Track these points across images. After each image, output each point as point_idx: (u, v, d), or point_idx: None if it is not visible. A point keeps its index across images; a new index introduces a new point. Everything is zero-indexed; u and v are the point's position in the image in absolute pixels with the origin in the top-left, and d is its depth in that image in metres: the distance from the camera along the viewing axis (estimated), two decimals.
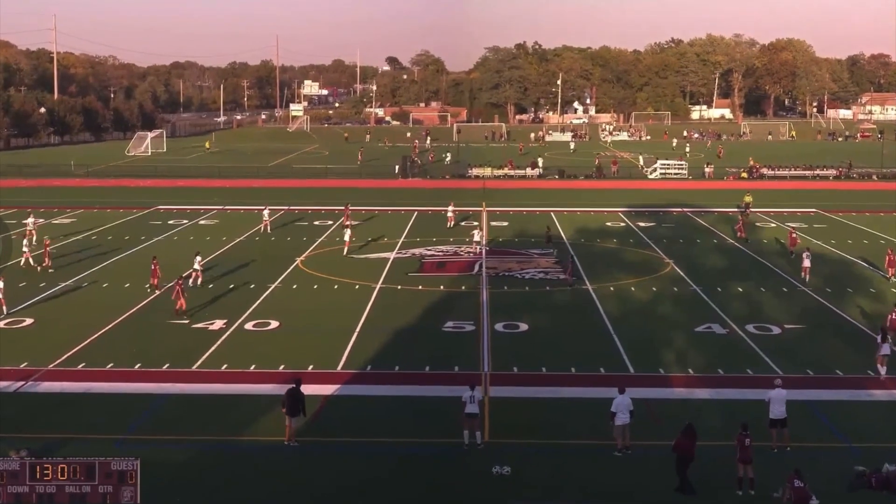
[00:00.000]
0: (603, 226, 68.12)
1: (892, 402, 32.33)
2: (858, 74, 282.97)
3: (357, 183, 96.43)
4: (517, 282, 49.70)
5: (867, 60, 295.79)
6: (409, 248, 58.63)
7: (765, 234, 65.12)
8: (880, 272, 51.69)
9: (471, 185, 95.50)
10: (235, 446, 27.45)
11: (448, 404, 29.62)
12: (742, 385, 33.44)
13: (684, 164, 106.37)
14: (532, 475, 25.50)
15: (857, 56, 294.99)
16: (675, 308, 44.60)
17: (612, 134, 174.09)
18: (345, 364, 35.28)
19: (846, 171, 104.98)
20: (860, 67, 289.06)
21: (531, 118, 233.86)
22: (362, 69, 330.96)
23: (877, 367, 34.43)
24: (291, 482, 24.94)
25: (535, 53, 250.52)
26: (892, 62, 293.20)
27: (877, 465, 25.11)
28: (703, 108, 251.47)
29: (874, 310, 44.01)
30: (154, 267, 47.25)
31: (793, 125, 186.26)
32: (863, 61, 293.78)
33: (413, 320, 41.74)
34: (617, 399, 27.26)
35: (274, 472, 25.52)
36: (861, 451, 27.10)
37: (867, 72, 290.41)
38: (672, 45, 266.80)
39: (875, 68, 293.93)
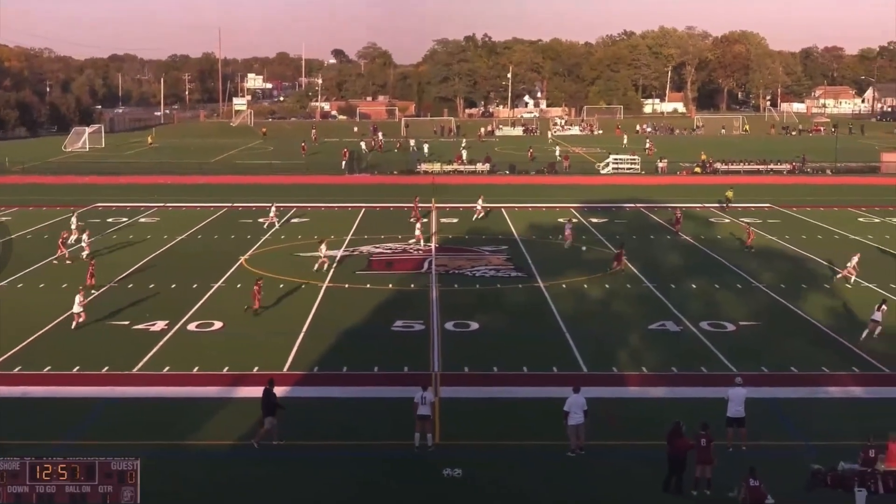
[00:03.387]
0: (555, 222, 67.61)
1: (847, 399, 32.24)
2: (812, 68, 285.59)
3: (302, 179, 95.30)
4: (468, 280, 49.10)
5: (820, 53, 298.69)
6: (357, 246, 57.83)
7: (718, 231, 64.88)
8: (837, 268, 51.64)
9: (420, 180, 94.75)
10: (180, 452, 26.69)
11: (398, 406, 29.11)
12: (696, 383, 33.27)
13: (637, 158, 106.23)
14: (484, 477, 25.08)
15: (811, 49, 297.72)
16: (629, 305, 44.26)
17: (564, 128, 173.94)
18: (291, 365, 34.65)
19: (800, 166, 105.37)
20: (813, 60, 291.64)
21: (481, 112, 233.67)
22: (307, 62, 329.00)
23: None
24: (236, 488, 24.35)
25: (485, 46, 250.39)
26: (845, 55, 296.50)
27: (832, 463, 24.76)
28: (656, 101, 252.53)
29: (829, 306, 43.99)
30: (91, 267, 46.22)
31: (746, 119, 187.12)
32: (816, 54, 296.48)
33: (361, 320, 41.08)
34: (570, 398, 26.90)
35: (219, 477, 24.94)
36: (817, 449, 26.85)
37: (820, 65, 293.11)
38: (624, 37, 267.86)
39: (828, 61, 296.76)
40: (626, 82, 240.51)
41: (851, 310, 43.18)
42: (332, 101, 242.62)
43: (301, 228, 63.76)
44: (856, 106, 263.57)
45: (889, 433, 25.07)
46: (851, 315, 42.29)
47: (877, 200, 79.09)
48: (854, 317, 41.88)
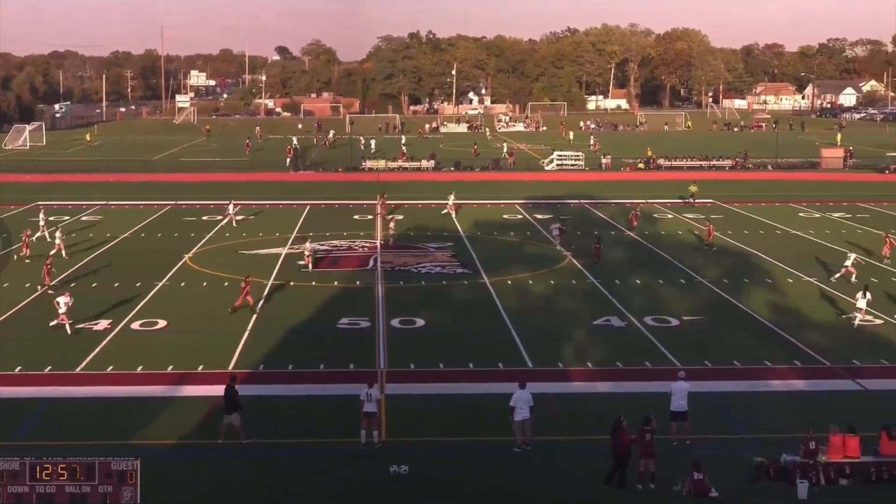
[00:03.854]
0: (500, 218, 67.81)
1: (789, 392, 32.63)
2: (753, 64, 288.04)
3: (246, 177, 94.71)
4: (413, 276, 49.10)
5: (761, 50, 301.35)
6: (302, 244, 57.49)
7: (662, 226, 65.34)
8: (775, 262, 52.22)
9: (364, 177, 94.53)
10: (125, 451, 26.32)
11: (344, 403, 29.09)
12: (641, 378, 33.51)
13: (581, 155, 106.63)
14: (431, 473, 24.97)
15: (752, 46, 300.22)
16: (574, 301, 44.46)
17: (508, 125, 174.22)
18: (236, 364, 34.42)
19: (742, 162, 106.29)
20: (754, 57, 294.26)
21: (426, 109, 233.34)
22: (251, 59, 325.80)
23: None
24: (180, 487, 23.96)
25: (429, 43, 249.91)
26: (785, 52, 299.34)
27: (775, 455, 25.14)
28: (600, 98, 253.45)
29: (771, 300, 44.42)
30: (47, 265, 45.72)
31: (689, 115, 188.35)
32: (757, 51, 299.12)
33: (306, 317, 40.99)
34: (516, 394, 26.97)
35: (163, 477, 24.47)
36: (759, 442, 27.15)
37: (761, 62, 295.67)
38: (568, 34, 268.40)
39: (769, 58, 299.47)
40: (569, 79, 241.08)
41: (793, 304, 43.68)
42: (276, 98, 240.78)
43: (245, 226, 63.38)
44: (796, 102, 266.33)
45: (830, 425, 25.43)
46: (793, 309, 42.79)
47: (817, 196, 79.89)
48: (795, 311, 42.42)
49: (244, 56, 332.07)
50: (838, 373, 34.05)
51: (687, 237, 60.95)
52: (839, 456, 24.95)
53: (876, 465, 24.94)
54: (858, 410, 29.57)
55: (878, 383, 33.06)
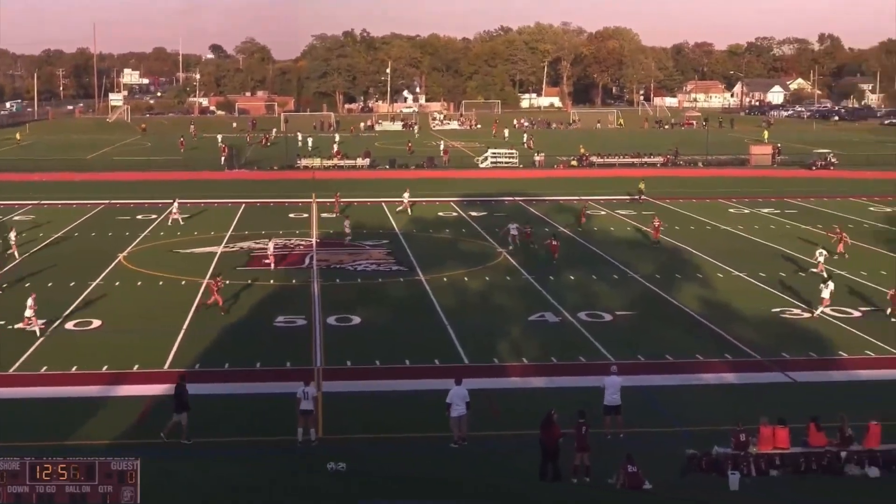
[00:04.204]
0: (435, 216, 68.01)
1: (720, 385, 33.10)
2: (683, 63, 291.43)
3: (181, 175, 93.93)
4: (349, 274, 49.14)
5: (691, 49, 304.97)
6: (237, 242, 57.44)
7: (595, 223, 65.88)
8: (706, 257, 52.89)
9: (300, 175, 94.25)
10: (60, 452, 26.15)
11: (281, 401, 29.12)
12: (575, 373, 33.79)
13: (515, 152, 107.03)
14: (368, 470, 25.04)
15: (682, 45, 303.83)
16: (509, 297, 44.72)
17: (443, 123, 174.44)
18: (172, 363, 34.27)
19: (673, 159, 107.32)
20: (684, 56, 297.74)
21: (360, 107, 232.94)
22: (185, 57, 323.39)
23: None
24: None
25: (364, 41, 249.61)
26: (715, 51, 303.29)
27: (707, 447, 25.51)
28: (533, 96, 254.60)
29: (702, 295, 45.01)
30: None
31: (620, 113, 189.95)
32: (687, 50, 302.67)
33: (243, 316, 40.88)
34: (452, 390, 27.14)
35: None
36: (692, 434, 27.52)
37: (691, 60, 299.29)
38: (501, 33, 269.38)
39: (699, 57, 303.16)
40: (503, 77, 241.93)
41: (723, 299, 44.29)
42: (210, 96, 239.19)
43: (180, 225, 62.94)
44: (725, 100, 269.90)
45: (760, 417, 25.92)
46: (723, 304, 43.38)
47: (746, 192, 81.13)
48: (726, 305, 43.04)
49: (178, 54, 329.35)
50: (768, 366, 34.61)
51: (619, 233, 61.56)
52: (769, 447, 25.41)
53: (805, 456, 25.42)
54: (788, 402, 30.16)
55: (807, 375, 33.65)
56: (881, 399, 30.19)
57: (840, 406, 27.71)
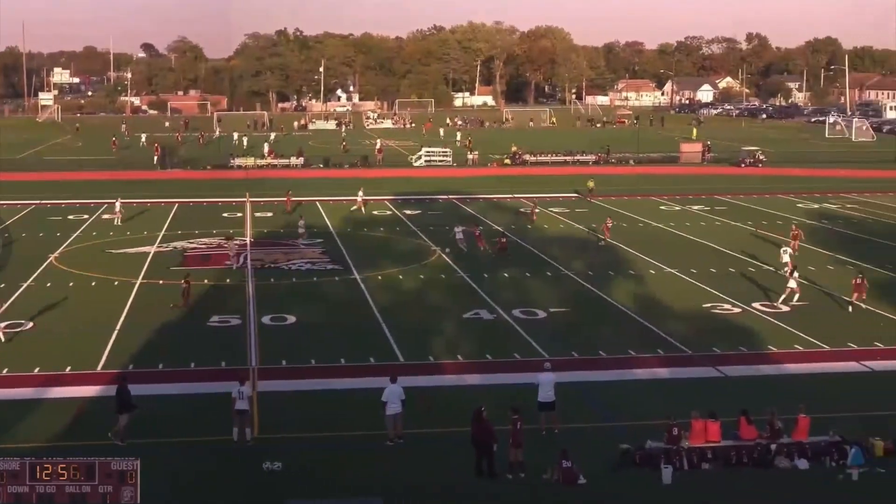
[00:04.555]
0: (370, 214, 67.96)
1: (653, 380, 33.46)
2: (614, 62, 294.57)
3: (114, 175, 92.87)
4: (284, 273, 49.02)
5: (622, 48, 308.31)
6: (171, 242, 57.06)
7: (528, 220, 66.17)
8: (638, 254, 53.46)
9: (233, 175, 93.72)
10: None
11: (216, 401, 29.05)
12: (510, 369, 33.97)
13: (448, 151, 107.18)
14: (304, 469, 25.16)
15: (613, 44, 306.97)
16: (443, 295, 44.92)
17: (377, 122, 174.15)
18: (105, 364, 34.01)
19: (605, 157, 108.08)
20: (616, 55, 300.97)
21: (294, 106, 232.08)
22: (116, 56, 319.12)
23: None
24: None
25: (297, 40, 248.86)
26: (646, 50, 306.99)
27: (640, 442, 25.83)
28: (466, 95, 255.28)
29: (634, 291, 45.54)
30: None
31: (553, 112, 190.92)
32: (618, 49, 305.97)
33: (176, 316, 40.62)
34: (388, 388, 27.18)
35: None
36: (625, 429, 27.77)
37: (622, 59, 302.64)
38: (434, 32, 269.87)
39: (630, 56, 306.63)
40: (436, 76, 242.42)
41: (655, 295, 44.83)
42: (142, 95, 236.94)
43: (112, 225, 62.41)
44: (656, 99, 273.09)
45: (692, 411, 26.27)
46: (656, 300, 43.94)
47: (677, 189, 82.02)
48: (658, 301, 43.58)
49: (109, 53, 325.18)
50: (699, 361, 35.07)
51: (553, 231, 61.96)
52: (701, 441, 25.73)
53: (736, 449, 25.79)
54: (719, 396, 30.50)
55: (737, 370, 34.13)
56: (810, 392, 30.62)
57: (770, 400, 28.20)
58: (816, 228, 62.77)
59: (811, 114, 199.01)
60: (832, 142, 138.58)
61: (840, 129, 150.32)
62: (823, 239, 58.65)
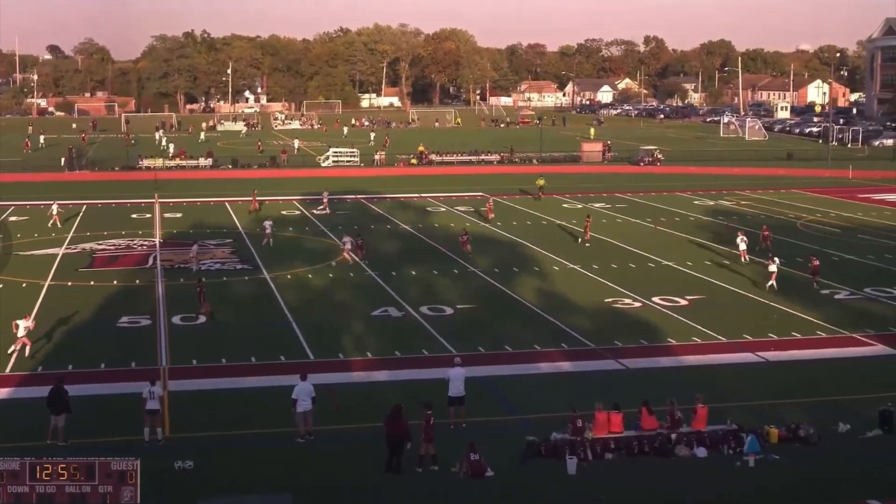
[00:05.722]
0: (279, 214, 67.95)
1: (557, 374, 34.21)
2: (517, 63, 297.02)
3: (21, 177, 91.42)
4: (194, 273, 48.89)
5: (525, 50, 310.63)
6: (79, 243, 56.64)
7: (435, 219, 66.88)
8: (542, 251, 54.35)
9: (142, 176, 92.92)
10: None
11: (126, 401, 29.12)
12: (419, 365, 34.43)
13: (356, 151, 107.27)
14: (216, 467, 25.30)
15: (516, 46, 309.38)
16: (352, 293, 45.27)
17: (284, 123, 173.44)
18: (13, 367, 33.89)
19: (508, 156, 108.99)
20: (518, 57, 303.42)
21: (202, 108, 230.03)
22: (21, 58, 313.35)
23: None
24: None
25: (204, 42, 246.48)
26: (547, 52, 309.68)
27: (546, 434, 26.33)
28: (373, 96, 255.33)
29: (539, 287, 46.35)
30: None
31: (458, 112, 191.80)
32: (521, 51, 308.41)
33: (86, 317, 40.52)
34: (298, 386, 27.45)
35: None
36: (531, 422, 28.42)
37: (525, 61, 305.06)
38: (340, 34, 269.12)
39: (532, 57, 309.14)
40: (343, 77, 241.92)
41: (559, 290, 45.73)
42: (49, 97, 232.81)
43: (20, 227, 61.78)
44: (558, 99, 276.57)
45: (595, 403, 26.84)
46: (559, 295, 44.77)
47: (579, 187, 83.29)
48: (561, 296, 44.42)
49: (14, 55, 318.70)
50: (601, 354, 35.92)
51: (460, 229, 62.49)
52: (604, 432, 26.30)
53: (638, 439, 26.44)
54: (621, 388, 31.36)
55: (638, 362, 35.05)
56: (707, 383, 31.47)
57: (669, 390, 29.00)
58: (712, 224, 64.31)
59: (706, 114, 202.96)
60: (727, 141, 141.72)
61: (734, 128, 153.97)
62: (719, 234, 60.08)
